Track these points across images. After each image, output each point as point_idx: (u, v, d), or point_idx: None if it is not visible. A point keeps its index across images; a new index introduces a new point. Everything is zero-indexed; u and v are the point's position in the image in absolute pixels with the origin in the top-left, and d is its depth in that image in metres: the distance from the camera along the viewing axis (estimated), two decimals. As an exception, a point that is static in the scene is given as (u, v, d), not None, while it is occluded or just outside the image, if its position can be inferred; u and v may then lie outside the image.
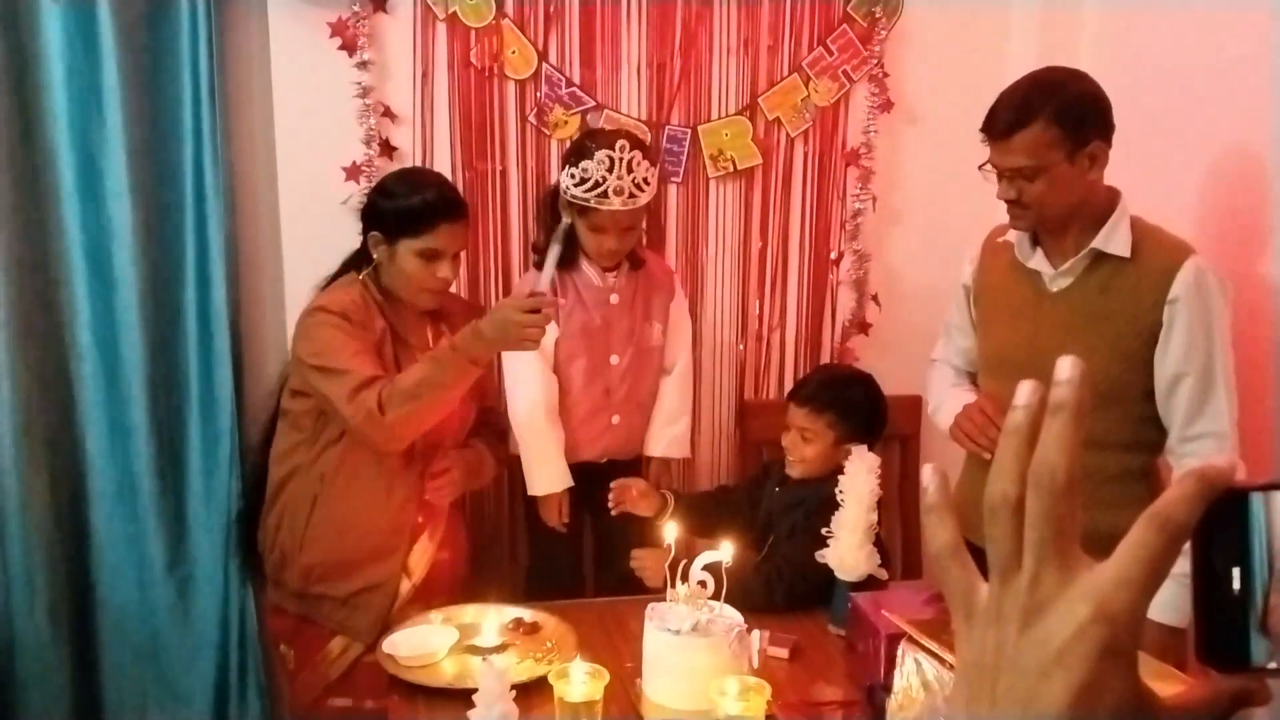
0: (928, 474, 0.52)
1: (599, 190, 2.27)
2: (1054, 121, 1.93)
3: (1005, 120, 1.97)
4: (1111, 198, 2.04)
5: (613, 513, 2.28)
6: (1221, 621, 0.45)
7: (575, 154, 2.33)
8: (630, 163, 2.27)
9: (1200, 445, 1.96)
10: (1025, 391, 0.48)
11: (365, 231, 2.24)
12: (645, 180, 2.31)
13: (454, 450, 2.32)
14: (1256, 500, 0.44)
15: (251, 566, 2.44)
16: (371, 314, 2.19)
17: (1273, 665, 0.44)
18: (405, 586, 2.23)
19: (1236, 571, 0.44)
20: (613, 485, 2.29)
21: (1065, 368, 0.46)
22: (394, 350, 2.21)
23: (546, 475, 2.44)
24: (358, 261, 2.28)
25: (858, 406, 2.29)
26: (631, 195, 2.28)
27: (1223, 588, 0.45)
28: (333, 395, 2.06)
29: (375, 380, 2.06)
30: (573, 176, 2.29)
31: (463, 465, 2.31)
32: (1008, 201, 2.02)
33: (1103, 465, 1.97)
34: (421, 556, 2.26)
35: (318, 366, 2.09)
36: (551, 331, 2.40)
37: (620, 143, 2.29)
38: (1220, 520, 0.44)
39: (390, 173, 2.47)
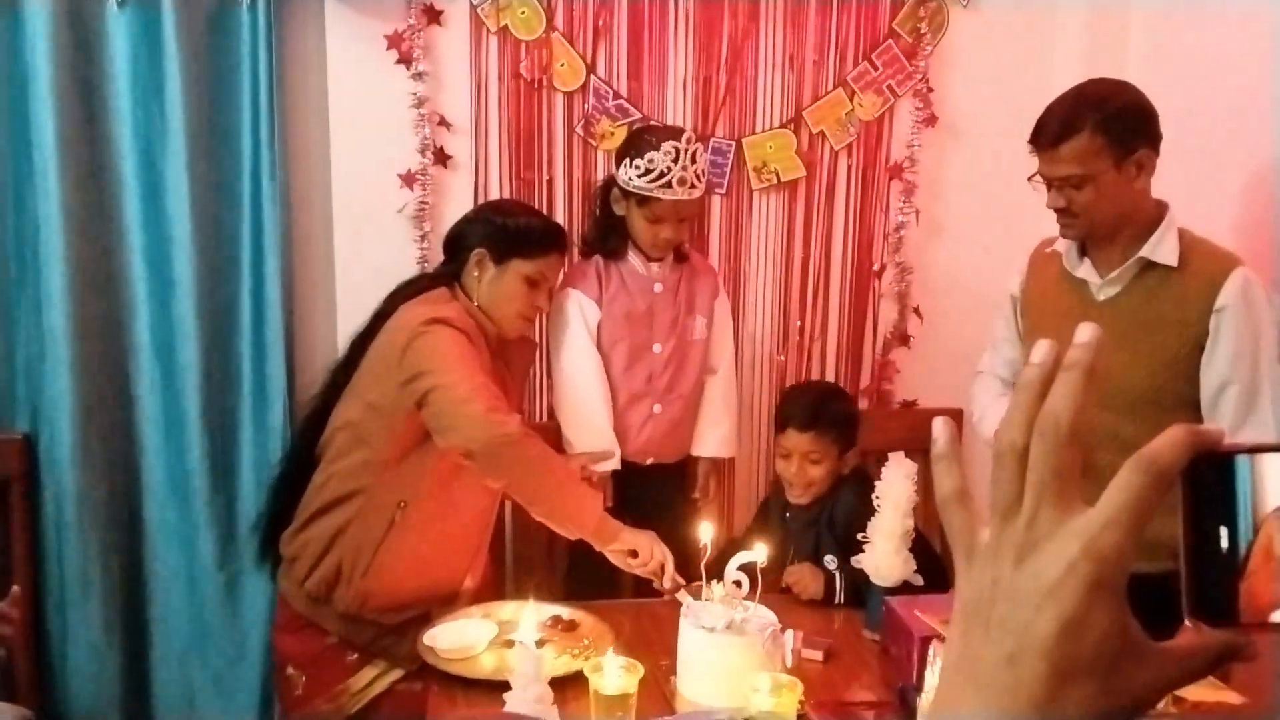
0: (938, 426, 0.54)
1: (664, 180, 2.33)
2: (1100, 130, 1.95)
3: (1052, 130, 1.99)
4: (1160, 208, 2.06)
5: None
6: (1211, 578, 0.47)
7: (636, 147, 2.38)
8: (694, 154, 2.37)
9: None
10: (1041, 350, 0.50)
11: (462, 248, 2.22)
12: (704, 171, 2.42)
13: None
14: (1242, 463, 0.47)
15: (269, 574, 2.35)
16: (477, 338, 2.13)
17: (1258, 621, 0.46)
18: None
19: (1224, 531, 0.47)
20: (792, 579, 2.22)
21: (1084, 332, 0.49)
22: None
23: (591, 434, 2.44)
24: (448, 277, 2.24)
25: (847, 417, 2.40)
26: (693, 185, 2.37)
27: (1212, 546, 0.47)
28: (462, 411, 1.97)
29: (507, 406, 2.04)
30: (637, 167, 2.35)
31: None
32: (1057, 210, 2.05)
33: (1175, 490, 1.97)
34: (464, 589, 2.27)
35: (444, 383, 1.98)
36: (594, 314, 2.45)
37: (686, 134, 2.39)
38: (1210, 481, 0.47)
39: (499, 198, 2.61)
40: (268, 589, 2.67)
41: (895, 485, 2.06)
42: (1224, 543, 0.47)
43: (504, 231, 2.20)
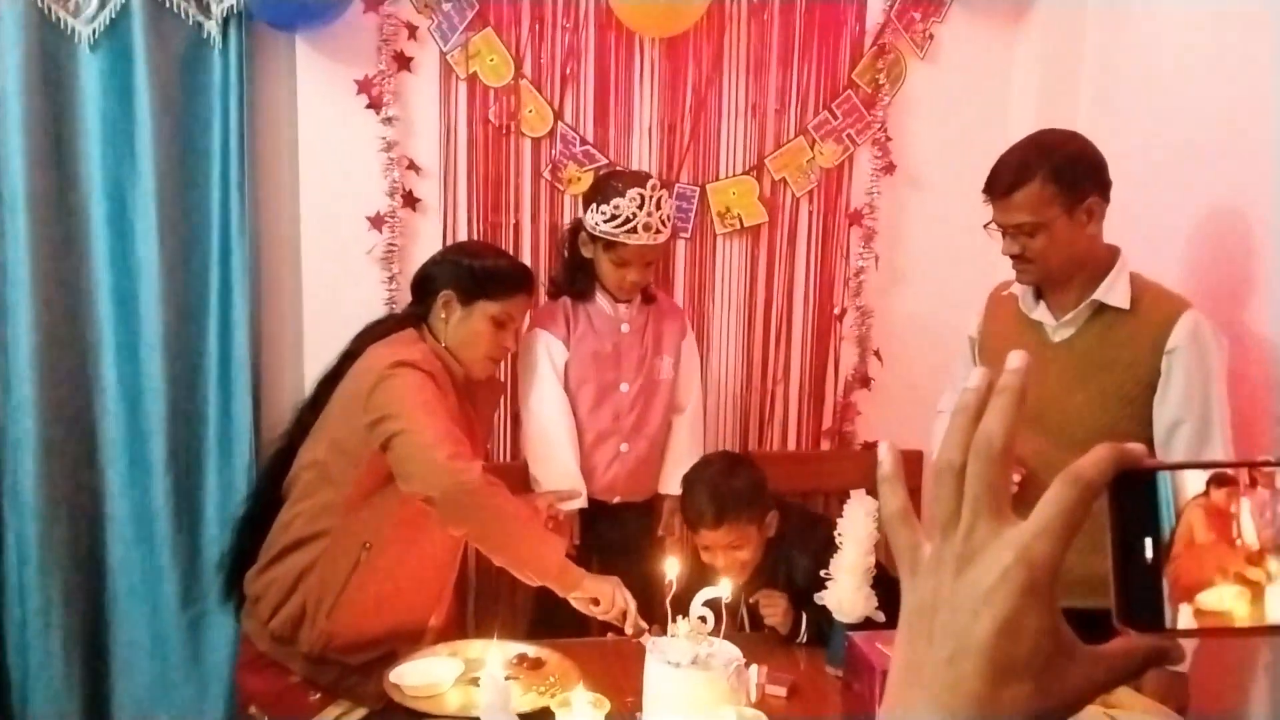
0: (883, 450, 0.59)
1: (629, 226, 2.37)
2: (1051, 179, 2.02)
3: (1005, 180, 2.06)
4: (1112, 253, 2.12)
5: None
6: (1137, 587, 0.50)
7: (602, 193, 2.41)
8: (659, 200, 2.40)
9: None
10: (976, 377, 0.54)
11: (430, 290, 2.23)
12: (669, 216, 2.45)
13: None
14: (1163, 478, 0.50)
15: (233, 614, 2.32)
16: (444, 380, 2.14)
17: (1182, 626, 0.49)
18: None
19: (1149, 542, 0.50)
20: (764, 598, 2.23)
21: (1014, 359, 0.53)
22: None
23: (558, 473, 2.46)
24: (415, 319, 2.25)
25: (753, 489, 2.30)
26: (658, 231, 2.40)
27: (1138, 556, 0.50)
28: (424, 458, 1.98)
29: (470, 453, 2.05)
30: (603, 213, 2.39)
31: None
32: (1012, 257, 2.11)
33: (1103, 510, 2.01)
34: (430, 628, 2.27)
35: (408, 428, 1.99)
36: (561, 354, 2.48)
37: (651, 181, 2.42)
38: (1134, 496, 0.50)
39: (465, 240, 2.64)
40: (231, 629, 2.65)
41: (857, 522, 2.09)
42: (1148, 553, 0.50)
43: (471, 273, 2.22)
